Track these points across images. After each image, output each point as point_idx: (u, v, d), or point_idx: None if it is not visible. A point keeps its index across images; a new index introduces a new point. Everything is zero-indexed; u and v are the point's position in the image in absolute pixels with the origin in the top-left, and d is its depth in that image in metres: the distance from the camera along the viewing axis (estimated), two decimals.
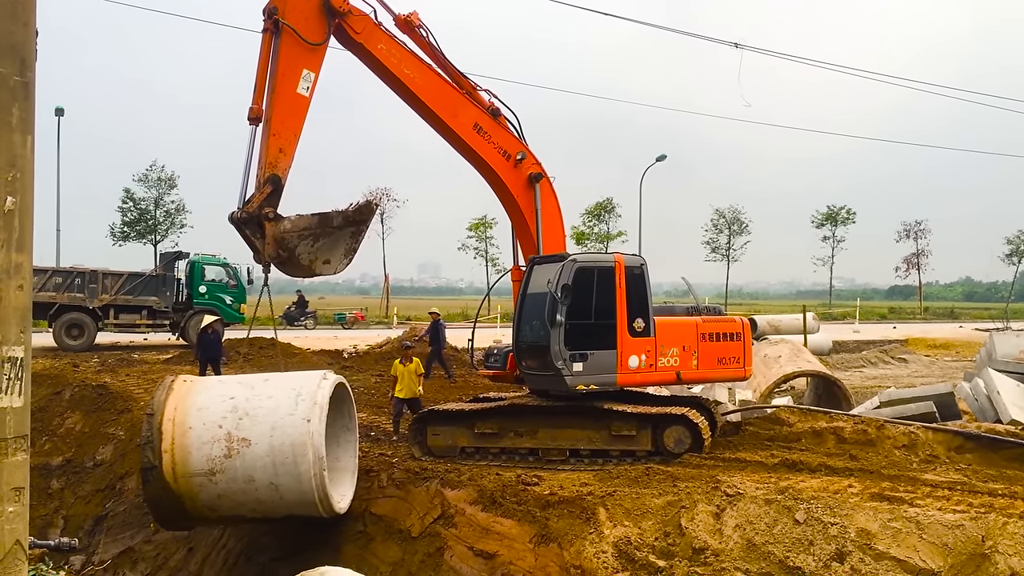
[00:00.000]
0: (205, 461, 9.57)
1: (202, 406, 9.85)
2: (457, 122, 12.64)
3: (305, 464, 9.40)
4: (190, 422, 9.70)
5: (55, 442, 15.39)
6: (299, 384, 10.05)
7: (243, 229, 11.44)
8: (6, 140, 3.89)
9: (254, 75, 11.55)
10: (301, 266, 11.66)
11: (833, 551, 8.55)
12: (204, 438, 9.60)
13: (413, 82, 12.30)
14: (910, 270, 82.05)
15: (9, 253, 3.89)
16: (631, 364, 12.29)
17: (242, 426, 9.60)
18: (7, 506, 3.89)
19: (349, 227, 11.84)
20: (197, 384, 10.41)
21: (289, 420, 9.54)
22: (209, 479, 9.60)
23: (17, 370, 3.92)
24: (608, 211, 67.54)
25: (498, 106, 13.14)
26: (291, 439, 9.46)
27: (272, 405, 9.73)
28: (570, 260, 12.20)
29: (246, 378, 11.04)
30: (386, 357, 24.68)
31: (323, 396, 9.74)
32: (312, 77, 11.57)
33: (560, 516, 9.85)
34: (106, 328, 28.09)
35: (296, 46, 11.39)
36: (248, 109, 11.51)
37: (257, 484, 9.60)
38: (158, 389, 10.23)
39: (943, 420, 14.24)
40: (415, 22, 12.59)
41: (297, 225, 11.47)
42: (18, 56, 3.92)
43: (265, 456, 9.50)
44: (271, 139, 11.28)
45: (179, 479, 9.63)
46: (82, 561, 12.26)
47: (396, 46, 12.24)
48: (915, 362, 33.43)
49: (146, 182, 54.07)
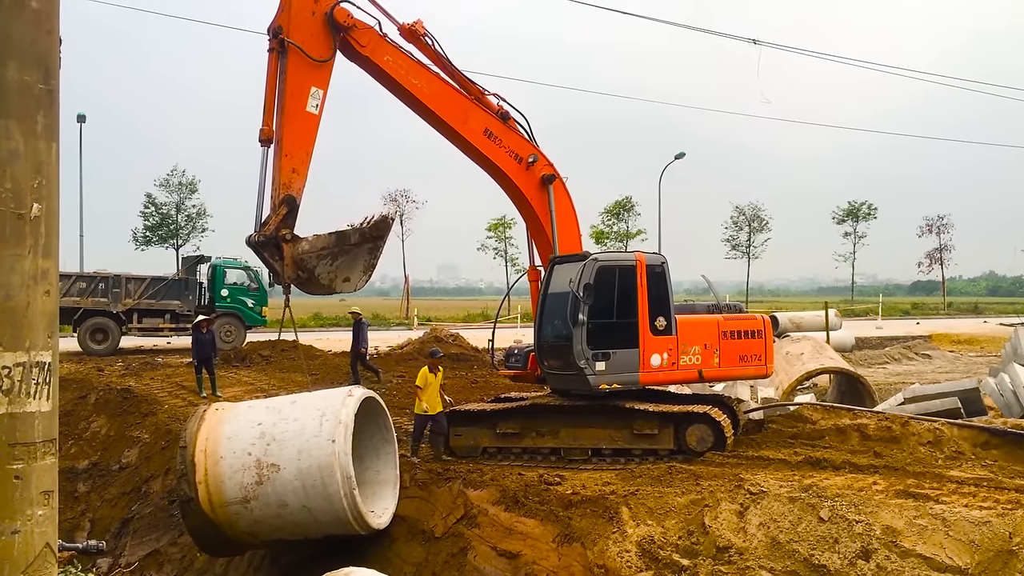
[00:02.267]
0: (238, 489, 9.60)
1: (232, 434, 9.88)
2: (467, 129, 12.59)
3: (334, 485, 9.34)
4: (221, 451, 9.74)
5: (81, 446, 15.54)
6: (324, 404, 9.97)
7: (261, 252, 11.44)
8: (32, 147, 3.93)
9: (263, 96, 11.54)
10: (321, 285, 11.65)
11: (858, 549, 8.49)
12: (235, 466, 9.64)
13: (421, 91, 12.25)
14: (933, 265, 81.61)
15: (36, 259, 3.93)
16: (653, 363, 12.26)
17: (270, 452, 9.61)
18: (36, 509, 3.92)
19: (367, 243, 11.79)
20: (228, 412, 10.40)
21: (315, 442, 9.49)
22: (244, 507, 9.63)
23: (45, 375, 3.96)
24: (627, 209, 67.42)
25: (507, 109, 13.06)
26: (318, 461, 9.41)
27: (298, 428, 9.70)
28: (592, 259, 12.19)
29: (274, 402, 10.99)
30: (407, 359, 24.77)
31: (347, 414, 9.65)
32: (320, 94, 11.54)
33: (583, 515, 9.84)
34: (130, 332, 28.30)
35: (303, 64, 11.37)
36: (259, 131, 11.49)
37: (291, 508, 9.59)
38: (191, 419, 10.29)
39: (968, 416, 14.13)
40: (420, 31, 12.49)
41: (315, 245, 11.43)
42: (42, 64, 3.96)
43: (294, 480, 9.48)
44: (283, 160, 11.26)
45: (216, 509, 9.67)
46: (109, 563, 12.36)
47: (402, 57, 12.20)
48: (939, 358, 33.12)
49: (167, 187, 54.57)
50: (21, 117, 3.91)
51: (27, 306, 3.91)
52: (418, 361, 24.39)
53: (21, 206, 3.89)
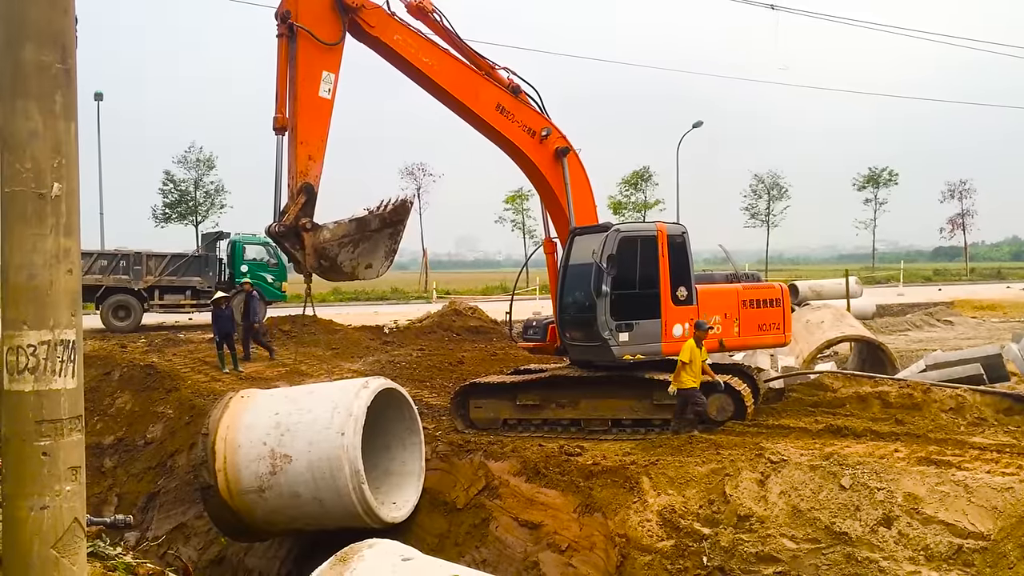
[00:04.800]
0: (254, 479, 9.65)
1: (250, 423, 9.91)
2: (479, 105, 12.45)
3: (342, 478, 9.31)
4: (239, 440, 9.79)
5: (107, 422, 15.72)
6: (338, 396, 9.93)
7: (282, 242, 11.43)
8: (51, 127, 3.95)
9: (274, 84, 11.42)
10: (344, 273, 11.64)
11: (880, 516, 8.50)
12: (251, 456, 9.69)
13: (432, 69, 12.11)
14: (955, 231, 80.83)
15: (58, 238, 3.97)
16: (675, 333, 12.26)
17: (283, 442, 9.62)
18: (65, 485, 3.99)
19: (387, 228, 11.74)
20: (249, 400, 10.40)
21: (325, 434, 9.47)
22: (260, 495, 9.68)
23: (70, 352, 4.01)
24: (645, 180, 67.02)
25: (518, 83, 12.93)
26: (327, 453, 9.40)
27: (310, 419, 9.68)
28: (614, 230, 12.15)
29: (293, 391, 10.98)
30: (426, 332, 24.80)
31: (359, 407, 9.58)
32: (332, 78, 11.40)
33: (604, 486, 9.89)
34: (151, 309, 28.53)
35: (313, 48, 11.24)
36: (272, 119, 11.39)
37: (303, 499, 9.59)
38: (215, 407, 10.34)
39: (991, 382, 14.03)
40: (428, 7, 12.34)
41: (336, 233, 11.38)
42: (59, 43, 3.98)
43: (305, 472, 9.47)
44: (299, 147, 11.18)
45: (234, 496, 9.75)
46: (136, 537, 12.52)
47: (412, 35, 12.06)
48: (961, 324, 32.84)
49: (185, 164, 54.73)
50: (39, 97, 3.94)
51: (50, 285, 3.95)
52: (437, 334, 24.47)
53: (42, 186, 3.93)
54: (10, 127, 3.93)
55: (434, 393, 15.96)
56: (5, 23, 3.91)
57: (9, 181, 3.91)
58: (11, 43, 3.91)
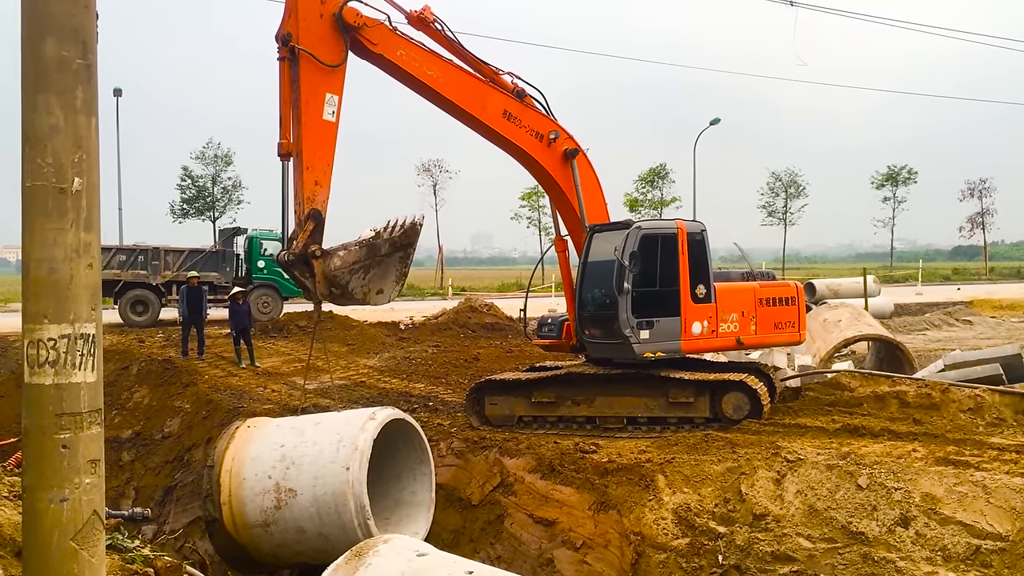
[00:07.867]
0: (259, 513, 9.40)
1: (256, 455, 9.67)
2: (486, 114, 12.29)
3: (348, 514, 9.02)
4: (244, 473, 9.56)
5: (124, 415, 15.85)
6: (344, 428, 9.63)
7: (291, 271, 11.19)
8: (72, 122, 3.97)
9: (277, 108, 11.21)
10: (355, 300, 11.43)
11: (897, 516, 8.45)
12: (256, 489, 9.44)
13: (437, 82, 11.93)
14: (975, 230, 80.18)
15: (78, 233, 3.99)
16: (694, 331, 12.24)
17: (288, 476, 9.37)
18: (84, 478, 4.02)
19: (397, 252, 11.49)
20: (255, 431, 10.17)
21: (330, 468, 9.19)
22: (265, 530, 9.44)
23: (89, 346, 4.03)
24: (662, 177, 66.81)
25: (522, 87, 12.79)
26: (332, 488, 9.11)
27: (316, 452, 9.42)
28: (635, 227, 12.13)
29: (300, 422, 10.68)
30: (442, 328, 24.88)
31: (365, 440, 9.26)
32: (336, 100, 11.16)
33: (619, 483, 9.88)
34: (169, 304, 28.70)
35: (316, 70, 11.00)
36: (277, 145, 11.17)
37: (308, 535, 9.35)
38: (221, 437, 10.14)
39: (1010, 382, 13.92)
40: (429, 17, 12.17)
41: (346, 260, 11.06)
42: (80, 38, 4.00)
43: (310, 507, 9.22)
44: (305, 173, 10.94)
45: (240, 531, 9.51)
46: (154, 530, 12.62)
47: (415, 49, 11.84)
48: (981, 324, 32.58)
49: (203, 159, 55.01)
50: (60, 92, 3.96)
51: (71, 279, 3.98)
52: (452, 331, 24.56)
53: (63, 180, 3.95)
54: (31, 122, 3.95)
55: (449, 389, 16.01)
56: (27, 18, 3.93)
57: (30, 176, 3.93)
58: (33, 38, 3.93)
